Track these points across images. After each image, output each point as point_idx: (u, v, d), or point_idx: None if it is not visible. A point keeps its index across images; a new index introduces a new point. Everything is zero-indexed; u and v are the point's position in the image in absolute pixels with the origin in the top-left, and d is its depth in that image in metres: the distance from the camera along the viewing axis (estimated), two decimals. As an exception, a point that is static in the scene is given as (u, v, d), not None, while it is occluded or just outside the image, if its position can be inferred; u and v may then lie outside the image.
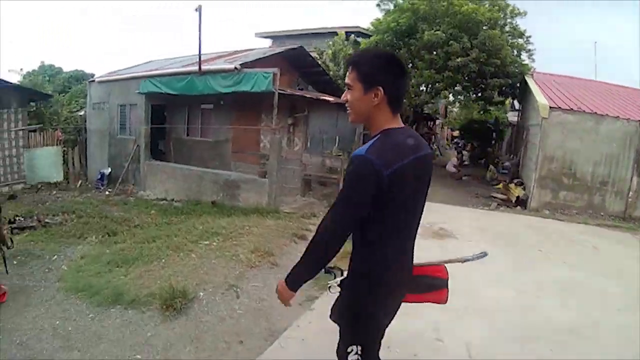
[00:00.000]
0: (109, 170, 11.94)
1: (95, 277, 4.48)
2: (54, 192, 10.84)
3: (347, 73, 1.59)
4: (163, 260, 4.77)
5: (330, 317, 1.76)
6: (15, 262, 5.16)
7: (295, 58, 11.14)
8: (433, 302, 1.97)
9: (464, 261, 2.10)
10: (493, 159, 15.43)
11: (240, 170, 9.87)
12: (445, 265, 1.95)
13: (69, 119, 14.31)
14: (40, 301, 4.04)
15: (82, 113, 14.61)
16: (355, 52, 1.92)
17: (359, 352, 1.64)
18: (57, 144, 12.07)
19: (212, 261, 4.60)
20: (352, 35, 14.66)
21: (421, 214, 1.70)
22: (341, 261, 1.70)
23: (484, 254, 2.14)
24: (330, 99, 10.81)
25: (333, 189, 9.26)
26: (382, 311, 1.67)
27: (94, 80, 12.85)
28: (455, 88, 13.30)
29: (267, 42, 17.65)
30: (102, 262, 5.00)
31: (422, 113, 16.48)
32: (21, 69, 19.56)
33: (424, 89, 12.77)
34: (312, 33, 15.88)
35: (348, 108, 1.61)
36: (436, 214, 7.10)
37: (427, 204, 1.70)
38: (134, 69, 12.60)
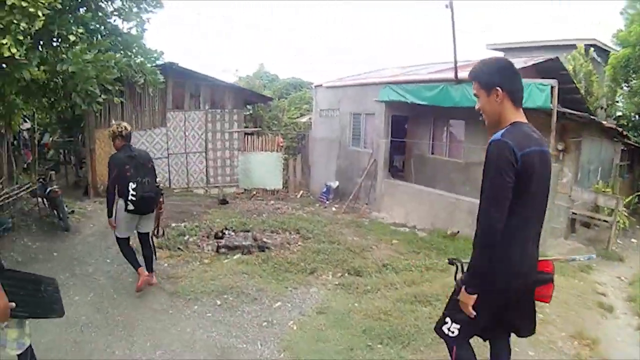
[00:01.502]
0: (337, 183, 10.96)
1: (345, 358, 3.14)
2: (271, 201, 10.05)
3: (472, 86, 1.94)
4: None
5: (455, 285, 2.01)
6: (219, 303, 4.00)
7: (548, 71, 9.28)
8: (540, 299, 2.03)
9: (571, 260, 2.45)
10: None
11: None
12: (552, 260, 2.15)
13: (290, 125, 13.94)
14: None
15: (304, 120, 14.14)
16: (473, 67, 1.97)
17: (454, 329, 1.93)
18: (277, 150, 11.52)
19: (529, 353, 3.36)
20: (592, 49, 12.89)
21: (544, 213, 1.92)
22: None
23: (591, 257, 2.58)
24: (605, 122, 9.59)
25: (600, 233, 7.99)
26: (499, 292, 1.83)
27: (320, 85, 12.02)
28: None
29: (499, 55, 15.00)
30: (353, 327, 3.65)
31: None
32: (237, 70, 20.57)
33: None
34: (546, 46, 13.72)
35: (482, 114, 1.93)
36: None
37: None
38: (367, 75, 11.32)
